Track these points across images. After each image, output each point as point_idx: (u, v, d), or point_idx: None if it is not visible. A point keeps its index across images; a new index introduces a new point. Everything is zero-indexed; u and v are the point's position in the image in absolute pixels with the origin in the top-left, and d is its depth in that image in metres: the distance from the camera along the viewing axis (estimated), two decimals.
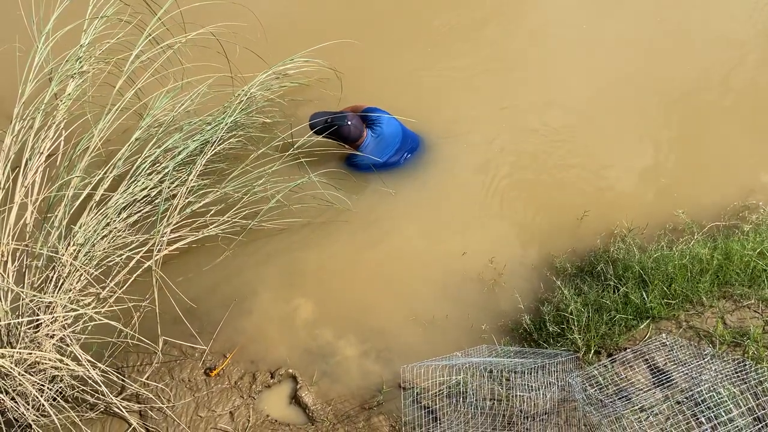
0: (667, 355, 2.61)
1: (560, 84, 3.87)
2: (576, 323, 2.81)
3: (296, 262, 3.29)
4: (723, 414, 2.30)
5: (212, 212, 3.15)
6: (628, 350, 2.68)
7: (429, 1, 4.24)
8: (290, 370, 2.97)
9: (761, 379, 2.36)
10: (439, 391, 2.72)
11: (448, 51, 4.00)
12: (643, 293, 2.85)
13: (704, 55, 3.95)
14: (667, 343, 2.64)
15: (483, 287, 3.17)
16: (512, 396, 2.60)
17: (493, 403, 2.62)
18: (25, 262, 2.77)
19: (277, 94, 3.61)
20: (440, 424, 2.61)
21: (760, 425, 2.27)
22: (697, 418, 2.36)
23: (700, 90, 3.81)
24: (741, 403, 2.32)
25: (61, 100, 3.02)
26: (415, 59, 3.97)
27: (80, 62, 3.08)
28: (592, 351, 2.78)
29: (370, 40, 3.94)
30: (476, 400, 2.63)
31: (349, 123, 3.30)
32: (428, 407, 2.71)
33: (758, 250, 2.91)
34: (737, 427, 2.25)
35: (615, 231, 3.27)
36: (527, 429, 2.52)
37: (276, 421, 2.84)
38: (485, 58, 3.96)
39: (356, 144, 3.42)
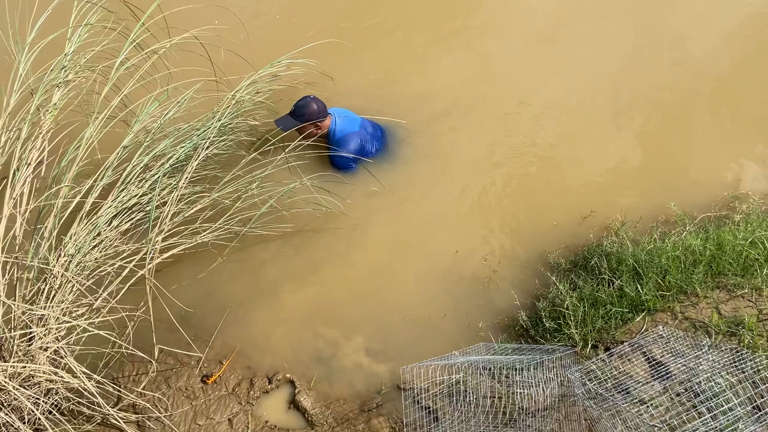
0: (664, 347, 2.62)
1: (542, 80, 3.89)
2: (572, 318, 2.82)
3: (291, 266, 3.27)
4: (722, 403, 2.31)
5: (205, 218, 3.13)
6: (625, 343, 2.69)
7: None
8: (288, 375, 2.95)
9: (758, 368, 2.37)
10: (439, 390, 2.71)
11: (436, 50, 4.01)
12: (638, 286, 2.86)
13: (682, 48, 3.99)
14: (664, 334, 2.65)
15: (479, 285, 3.17)
16: (512, 393, 2.60)
17: (493, 401, 2.62)
18: (15, 275, 2.73)
19: (265, 96, 3.58)
20: (441, 423, 2.60)
21: (760, 413, 2.29)
22: (697, 409, 2.37)
23: (681, 82, 3.84)
24: (740, 392, 2.33)
25: (47, 110, 2.98)
26: (400, 56, 3.97)
27: (65, 71, 3.04)
28: (590, 345, 2.78)
29: (356, 39, 3.93)
30: (476, 398, 2.63)
31: (309, 97, 3.40)
32: (428, 407, 2.70)
33: (750, 240, 2.93)
34: (736, 415, 2.26)
35: (609, 225, 3.28)
36: (528, 426, 2.52)
37: (275, 426, 2.82)
38: (473, 52, 3.98)
39: (326, 124, 3.45)
